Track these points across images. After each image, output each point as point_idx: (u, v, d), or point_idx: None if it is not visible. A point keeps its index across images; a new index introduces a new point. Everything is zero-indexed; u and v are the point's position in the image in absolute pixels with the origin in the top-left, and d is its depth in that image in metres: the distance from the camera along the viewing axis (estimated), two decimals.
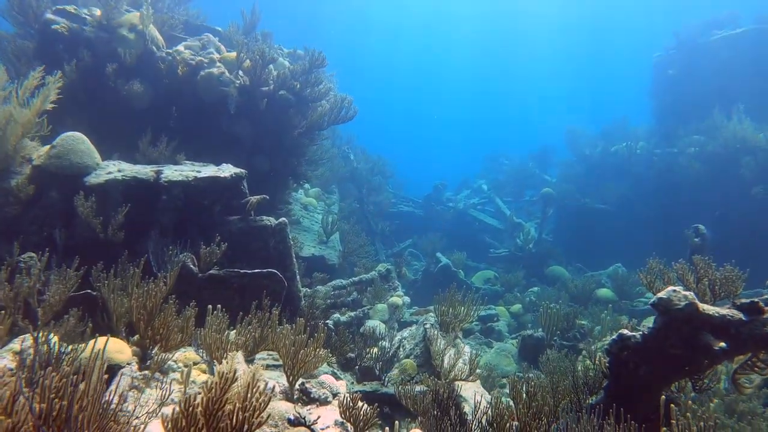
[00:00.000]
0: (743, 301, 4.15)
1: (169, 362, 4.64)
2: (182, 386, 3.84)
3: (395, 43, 60.54)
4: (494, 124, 70.06)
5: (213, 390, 2.40)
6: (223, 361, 3.71)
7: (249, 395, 2.38)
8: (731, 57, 14.76)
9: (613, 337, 4.39)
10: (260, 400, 2.37)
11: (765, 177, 12.35)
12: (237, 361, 4.58)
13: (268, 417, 2.38)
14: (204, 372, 4.79)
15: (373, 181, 18.72)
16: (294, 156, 10.57)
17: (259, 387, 2.45)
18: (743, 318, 4.10)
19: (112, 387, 3.59)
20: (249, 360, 5.15)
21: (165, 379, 4.30)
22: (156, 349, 4.52)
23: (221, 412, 2.36)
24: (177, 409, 2.40)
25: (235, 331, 4.86)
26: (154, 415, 3.08)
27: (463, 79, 67.20)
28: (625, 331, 4.33)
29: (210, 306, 4.89)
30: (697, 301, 4.04)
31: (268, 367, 5.28)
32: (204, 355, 4.70)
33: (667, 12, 27.55)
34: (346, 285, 9.92)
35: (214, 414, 2.38)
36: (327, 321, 7.88)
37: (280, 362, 4.43)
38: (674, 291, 4.08)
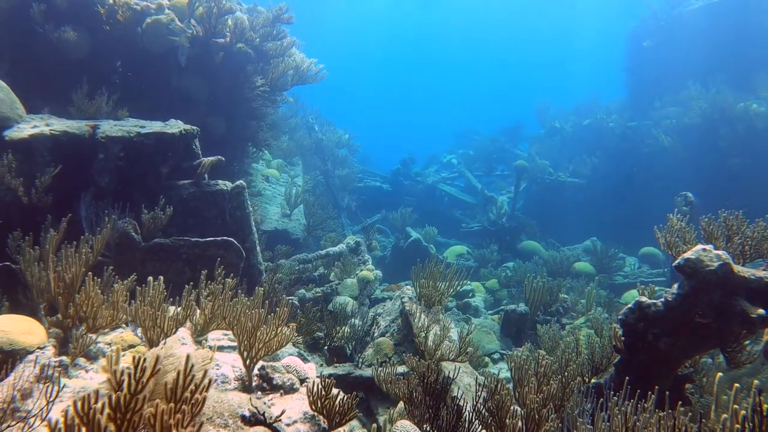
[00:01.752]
0: None
1: (99, 345, 3.78)
2: (107, 375, 3.01)
3: (362, 15, 58.62)
4: (463, 101, 69.62)
5: (127, 384, 1.60)
6: (161, 343, 2.89)
7: (180, 391, 1.60)
8: (710, 26, 14.39)
9: (629, 305, 3.79)
10: (195, 397, 1.60)
11: (743, 148, 12.15)
12: (182, 341, 3.76)
13: (200, 427, 1.61)
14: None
15: (339, 153, 17.81)
16: (254, 118, 9.60)
17: (195, 378, 1.67)
18: None
19: (9, 379, 2.73)
20: (199, 340, 4.34)
21: (91, 367, 3.45)
22: (82, 329, 3.65)
23: (138, 416, 1.57)
24: (71, 411, 1.60)
25: (181, 307, 4.02)
26: (41, 417, 2.25)
27: (432, 55, 66.13)
28: (644, 299, 3.74)
29: (150, 278, 4.03)
30: (731, 262, 3.47)
31: (222, 348, 4.48)
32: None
33: None
34: (312, 258, 9.12)
35: (129, 419, 1.59)
36: (291, 297, 7.09)
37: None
38: (704, 250, 3.49)
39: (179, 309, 4.00)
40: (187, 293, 3.92)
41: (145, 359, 1.59)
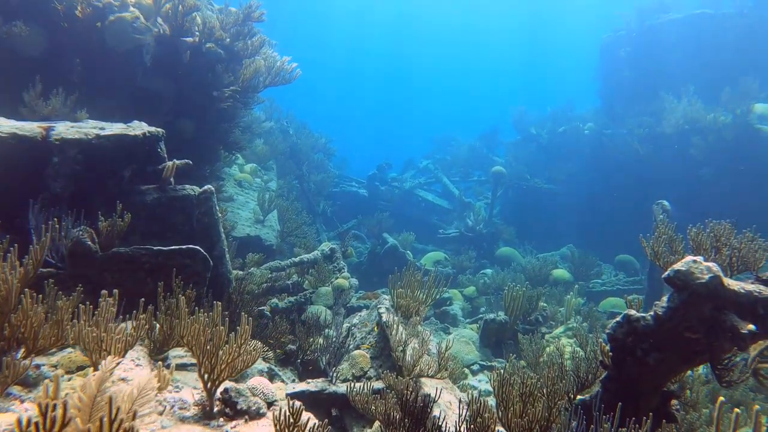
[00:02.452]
0: None
1: (43, 368, 3.43)
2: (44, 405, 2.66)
3: (340, 17, 58.08)
4: (441, 107, 69.92)
5: None
6: (105, 367, 2.55)
7: None
8: (678, 40, 14.68)
9: (618, 319, 3.61)
10: None
11: (713, 158, 12.31)
12: (136, 362, 3.43)
13: None
14: None
15: (315, 158, 17.49)
16: (225, 121, 9.24)
17: (123, 425, 1.38)
18: None
19: None
20: (159, 359, 3.99)
21: (28, 396, 3.09)
22: (21, 352, 3.28)
23: None
24: None
25: (133, 326, 3.68)
26: None
27: (411, 60, 66.09)
28: (633, 312, 3.56)
29: (105, 291, 3.68)
30: (722, 275, 3.32)
31: (184, 366, 4.14)
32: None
33: None
34: (285, 266, 8.80)
35: None
36: (263, 308, 6.75)
37: None
38: (694, 262, 3.33)
39: (131, 328, 3.66)
40: (140, 309, 3.58)
41: (55, 406, 1.30)
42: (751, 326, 3.31)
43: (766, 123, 12.17)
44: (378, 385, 4.71)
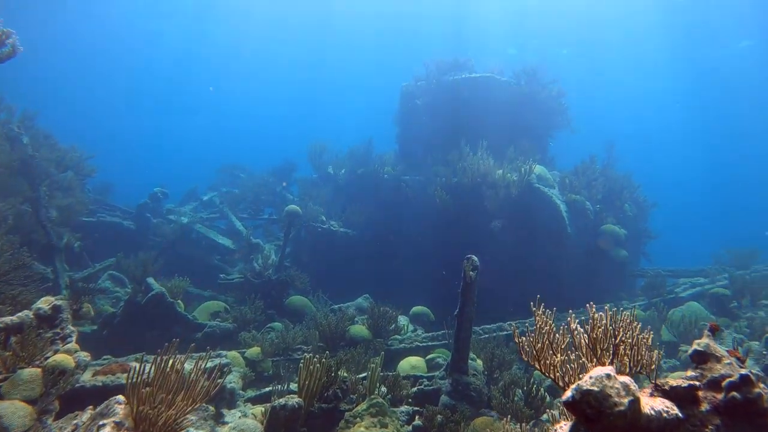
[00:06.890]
0: (677, 384, 2.53)
1: None
2: None
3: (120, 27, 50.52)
4: (232, 135, 66.12)
5: None
6: None
7: None
8: (470, 97, 15.47)
9: None
10: None
11: (503, 211, 12.83)
12: None
13: None
14: None
15: (62, 178, 13.64)
16: None
17: None
18: (679, 414, 2.49)
19: None
20: None
21: None
22: None
23: None
24: None
25: None
26: None
27: (197, 79, 60.86)
28: None
29: None
30: (639, 395, 2.25)
31: None
32: None
33: (421, 47, 29.16)
34: None
35: None
36: None
37: None
38: (608, 377, 2.20)
39: None
40: None
41: None
42: None
43: (542, 183, 13.26)
44: None
